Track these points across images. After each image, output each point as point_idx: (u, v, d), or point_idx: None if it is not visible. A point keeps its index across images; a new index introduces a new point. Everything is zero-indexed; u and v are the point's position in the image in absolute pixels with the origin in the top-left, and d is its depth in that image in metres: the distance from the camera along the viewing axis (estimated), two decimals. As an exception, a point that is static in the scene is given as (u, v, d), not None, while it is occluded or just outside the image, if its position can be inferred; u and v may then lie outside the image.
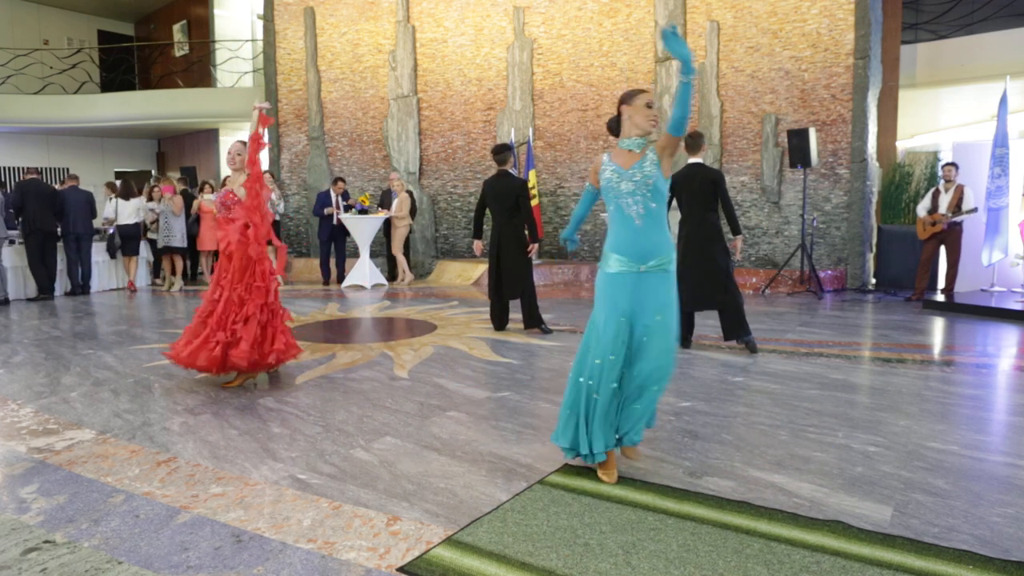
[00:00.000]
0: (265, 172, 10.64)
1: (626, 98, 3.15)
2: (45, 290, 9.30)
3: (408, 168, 12.02)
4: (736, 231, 5.66)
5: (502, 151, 6.35)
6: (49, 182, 15.00)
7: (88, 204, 9.76)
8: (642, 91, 3.15)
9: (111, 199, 10.20)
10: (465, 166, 11.92)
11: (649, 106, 3.08)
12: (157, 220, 10.01)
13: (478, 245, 6.52)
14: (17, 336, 6.76)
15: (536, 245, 6.49)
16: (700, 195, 5.52)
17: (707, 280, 5.48)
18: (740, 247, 5.78)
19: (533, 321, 6.53)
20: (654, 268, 3.01)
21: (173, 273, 10.31)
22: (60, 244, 9.61)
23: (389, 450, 3.49)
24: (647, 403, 3.08)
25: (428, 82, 11.97)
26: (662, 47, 10.26)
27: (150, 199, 10.47)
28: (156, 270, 10.96)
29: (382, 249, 11.15)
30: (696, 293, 5.48)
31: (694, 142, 5.59)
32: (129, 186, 10.25)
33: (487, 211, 6.58)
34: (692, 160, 5.58)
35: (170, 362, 4.82)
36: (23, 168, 14.67)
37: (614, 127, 3.22)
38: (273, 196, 10.24)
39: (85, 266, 9.82)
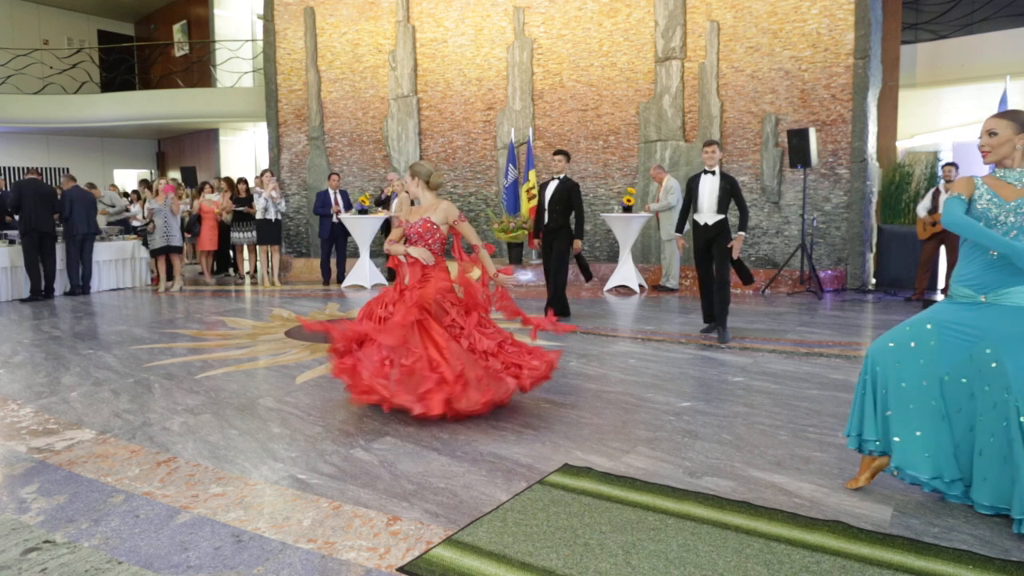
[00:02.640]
0: (265, 171, 10.73)
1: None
2: (37, 292, 9.22)
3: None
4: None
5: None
6: (49, 182, 15.04)
7: (92, 204, 9.83)
8: None
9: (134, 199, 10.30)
10: (465, 166, 11.92)
11: None
12: (153, 220, 10.00)
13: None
14: (17, 336, 6.76)
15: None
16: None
17: None
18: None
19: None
20: None
21: (170, 275, 10.30)
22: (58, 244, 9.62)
23: (389, 450, 3.49)
24: None
25: (428, 82, 11.97)
26: (661, 48, 10.28)
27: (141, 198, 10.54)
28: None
29: (382, 249, 11.14)
30: None
31: None
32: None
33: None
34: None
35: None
36: (23, 168, 14.69)
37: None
38: (274, 194, 10.26)
39: (86, 266, 9.82)
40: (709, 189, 6.08)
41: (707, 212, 6.08)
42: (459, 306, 4.17)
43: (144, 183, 13.99)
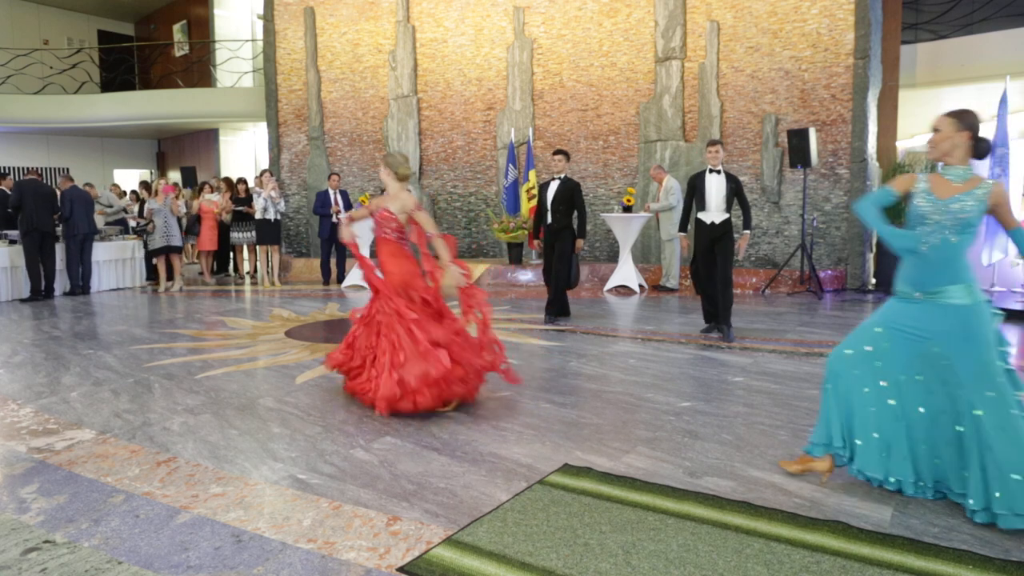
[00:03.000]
0: (264, 171, 10.73)
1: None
2: (38, 292, 9.23)
3: (408, 168, 12.01)
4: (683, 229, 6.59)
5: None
6: (49, 183, 15.03)
7: (90, 204, 9.86)
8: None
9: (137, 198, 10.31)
10: (465, 166, 11.92)
11: None
12: (153, 220, 10.00)
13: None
14: (17, 336, 6.76)
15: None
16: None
17: None
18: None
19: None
20: None
21: (170, 275, 10.30)
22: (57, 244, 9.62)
23: (389, 450, 3.49)
24: None
25: (428, 82, 11.97)
26: (661, 48, 10.27)
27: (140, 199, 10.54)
28: (150, 271, 10.94)
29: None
30: None
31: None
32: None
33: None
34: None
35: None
36: (23, 168, 14.69)
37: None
38: (273, 194, 10.26)
39: (86, 266, 9.83)
40: (716, 188, 6.08)
41: (715, 211, 6.08)
42: (426, 297, 4.24)
43: (144, 184, 14.00)
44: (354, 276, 10.25)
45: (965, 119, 2.79)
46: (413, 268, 4.30)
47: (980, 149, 2.81)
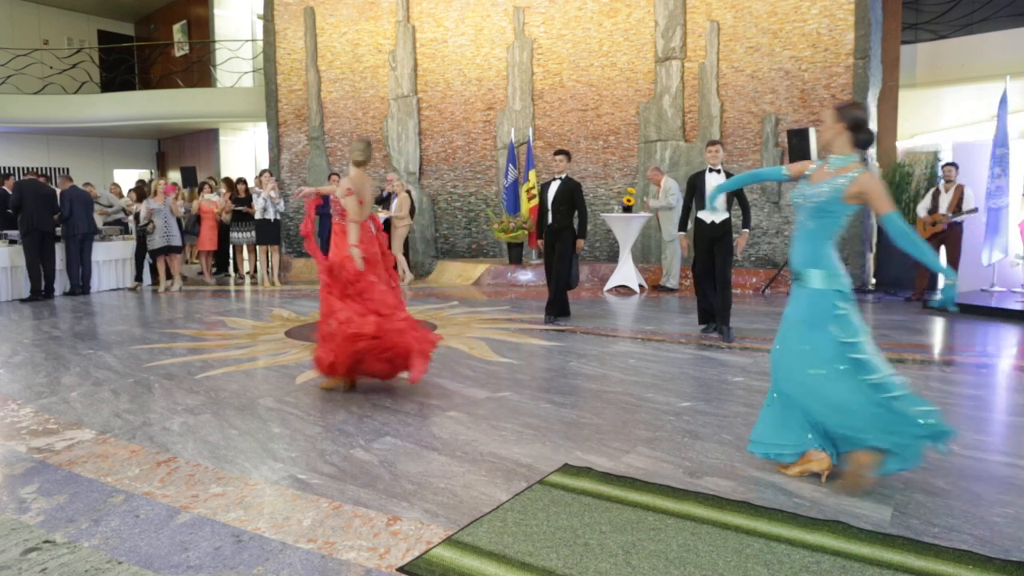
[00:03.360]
0: (264, 171, 10.72)
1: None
2: (38, 292, 9.23)
3: (408, 168, 12.02)
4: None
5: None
6: (52, 182, 15.01)
7: (90, 204, 9.86)
8: None
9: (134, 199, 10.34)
10: (465, 166, 11.92)
11: None
12: (153, 220, 10.00)
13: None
14: (17, 336, 6.76)
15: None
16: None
17: None
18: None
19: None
20: None
21: (170, 275, 10.30)
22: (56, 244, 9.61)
23: (389, 450, 3.49)
24: None
25: (428, 82, 11.97)
26: (661, 48, 10.28)
27: (140, 198, 10.53)
28: (153, 272, 10.93)
29: (382, 249, 11.13)
30: None
31: None
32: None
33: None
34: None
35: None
36: (23, 168, 14.69)
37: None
38: (273, 194, 10.26)
39: (86, 266, 9.83)
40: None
41: (717, 210, 6.08)
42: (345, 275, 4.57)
43: (140, 184, 13.97)
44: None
45: (844, 112, 3.01)
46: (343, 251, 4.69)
47: (858, 140, 3.01)
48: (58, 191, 9.69)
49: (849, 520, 2.66)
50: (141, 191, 10.65)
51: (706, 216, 6.11)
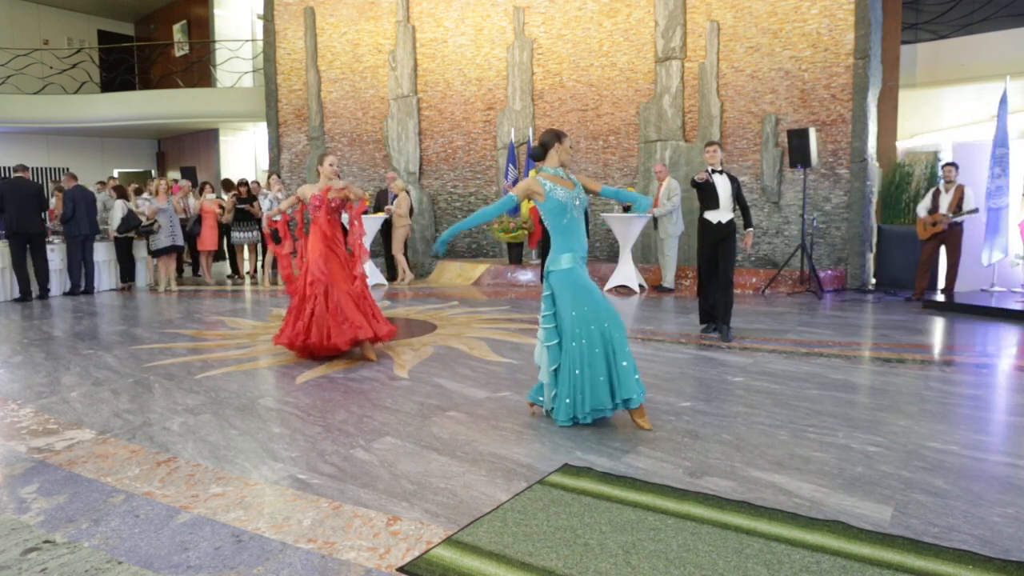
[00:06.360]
0: (272, 173, 10.72)
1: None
2: (27, 293, 9.13)
3: (408, 168, 12.02)
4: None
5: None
6: (44, 181, 14.99)
7: (94, 204, 9.85)
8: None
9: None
10: (465, 166, 11.92)
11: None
12: (158, 220, 10.00)
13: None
14: (17, 336, 6.76)
15: None
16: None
17: None
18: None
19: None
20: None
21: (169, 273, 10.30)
22: (51, 244, 9.57)
23: (389, 450, 3.49)
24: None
25: (428, 82, 11.97)
26: (661, 48, 10.28)
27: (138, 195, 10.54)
28: (124, 273, 10.89)
29: (382, 249, 11.15)
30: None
31: None
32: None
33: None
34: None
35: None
36: (10, 168, 14.66)
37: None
38: (279, 195, 10.26)
39: (89, 266, 9.80)
40: (723, 187, 6.09)
41: (724, 210, 6.09)
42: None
43: (116, 183, 13.89)
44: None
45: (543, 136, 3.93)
46: (316, 245, 5.61)
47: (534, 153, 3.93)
48: (61, 190, 9.65)
49: (849, 520, 2.66)
50: (122, 190, 10.54)
51: (713, 216, 6.11)
